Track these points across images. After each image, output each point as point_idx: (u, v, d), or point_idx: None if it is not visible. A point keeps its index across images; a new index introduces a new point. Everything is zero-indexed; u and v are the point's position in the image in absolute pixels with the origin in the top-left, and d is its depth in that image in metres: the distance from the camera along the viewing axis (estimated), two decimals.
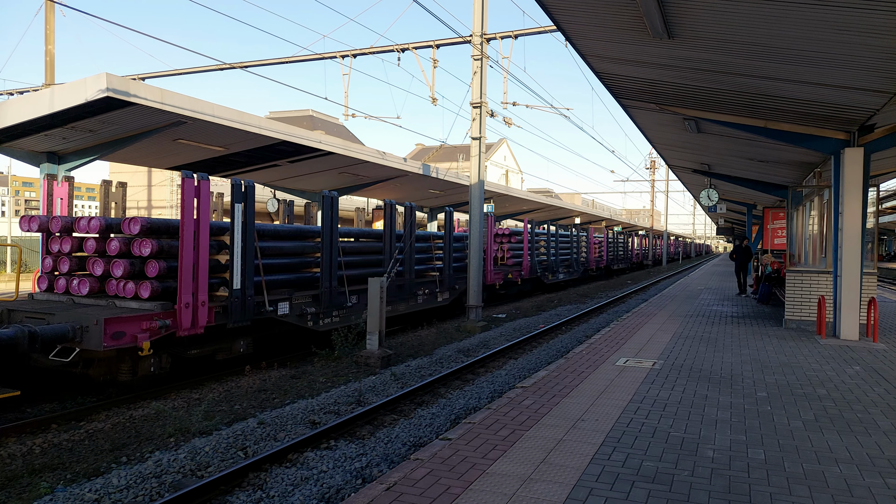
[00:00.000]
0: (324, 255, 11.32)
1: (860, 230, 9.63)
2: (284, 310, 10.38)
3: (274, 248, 10.76)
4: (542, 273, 24.28)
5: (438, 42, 16.43)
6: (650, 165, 57.56)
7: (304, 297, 10.89)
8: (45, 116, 10.14)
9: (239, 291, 9.41)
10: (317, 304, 11.12)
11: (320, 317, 11.24)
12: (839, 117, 9.23)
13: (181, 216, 8.58)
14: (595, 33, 7.31)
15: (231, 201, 9.45)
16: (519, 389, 6.65)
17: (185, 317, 8.54)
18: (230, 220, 9.47)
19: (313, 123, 45.11)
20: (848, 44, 6.24)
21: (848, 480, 4.24)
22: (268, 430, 6.91)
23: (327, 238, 11.39)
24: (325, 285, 11.27)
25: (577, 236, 30.14)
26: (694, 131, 11.77)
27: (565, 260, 27.92)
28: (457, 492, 4.01)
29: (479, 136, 16.13)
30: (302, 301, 10.79)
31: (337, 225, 11.58)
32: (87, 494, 5.19)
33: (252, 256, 9.67)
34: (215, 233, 9.56)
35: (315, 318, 11.10)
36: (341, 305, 11.74)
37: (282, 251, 10.98)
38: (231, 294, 9.34)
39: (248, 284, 9.55)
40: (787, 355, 8.71)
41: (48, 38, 18.68)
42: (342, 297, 11.82)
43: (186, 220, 8.58)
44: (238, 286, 9.41)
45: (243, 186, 9.55)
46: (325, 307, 11.24)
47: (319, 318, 11.22)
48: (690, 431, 5.25)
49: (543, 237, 25.28)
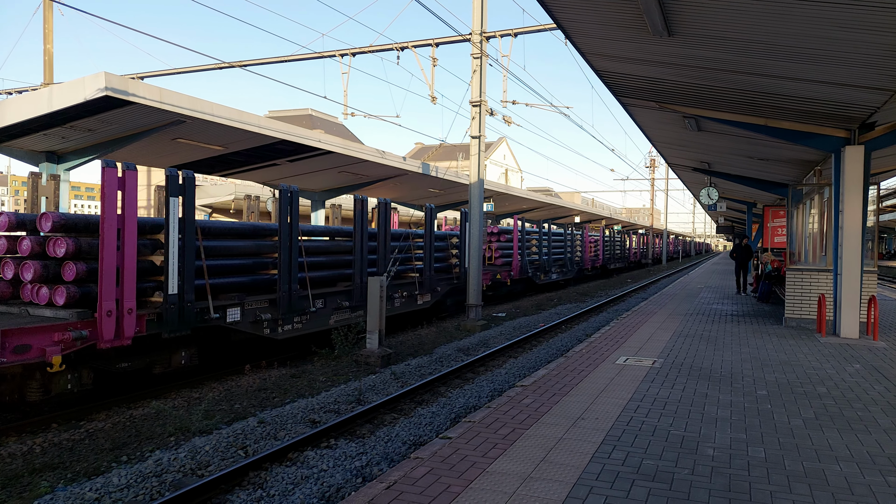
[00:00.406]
0: (282, 256, 10.30)
1: (860, 228, 9.63)
2: (235, 316, 9.39)
3: (222, 247, 9.76)
4: (533, 273, 23.30)
5: (438, 40, 16.41)
6: (650, 164, 57.57)
7: (260, 301, 9.93)
8: (44, 116, 10.12)
9: (176, 297, 8.34)
10: (274, 309, 10.15)
11: (279, 323, 10.28)
12: (840, 115, 9.22)
13: (101, 211, 7.59)
14: (595, 31, 7.30)
15: (165, 195, 8.39)
16: (519, 388, 6.65)
17: (107, 326, 7.46)
18: (165, 216, 8.37)
19: (312, 122, 45.08)
20: (848, 41, 6.23)
21: (848, 478, 4.24)
22: (268, 428, 6.91)
23: (286, 236, 10.39)
24: (283, 288, 10.27)
25: (572, 235, 29.17)
26: (694, 129, 11.76)
27: (559, 259, 26.98)
28: (457, 490, 4.01)
29: (479, 135, 16.12)
30: (257, 306, 9.84)
31: (297, 222, 10.60)
32: (88, 493, 5.19)
33: (193, 257, 8.66)
34: (148, 230, 8.57)
35: (273, 325, 10.16)
36: (304, 310, 10.71)
37: (232, 251, 9.98)
38: (166, 300, 8.25)
39: (188, 288, 8.52)
40: (787, 353, 8.71)
41: (46, 37, 18.66)
42: (304, 302, 10.77)
43: (108, 216, 7.53)
44: (174, 290, 8.33)
45: (180, 178, 8.50)
46: (283, 313, 10.26)
47: (278, 325, 10.26)
48: (690, 430, 5.25)
49: (535, 236, 24.29)
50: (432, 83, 16.85)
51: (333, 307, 11.57)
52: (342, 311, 11.86)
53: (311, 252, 11.52)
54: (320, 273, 11.68)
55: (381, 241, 13.10)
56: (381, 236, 13.13)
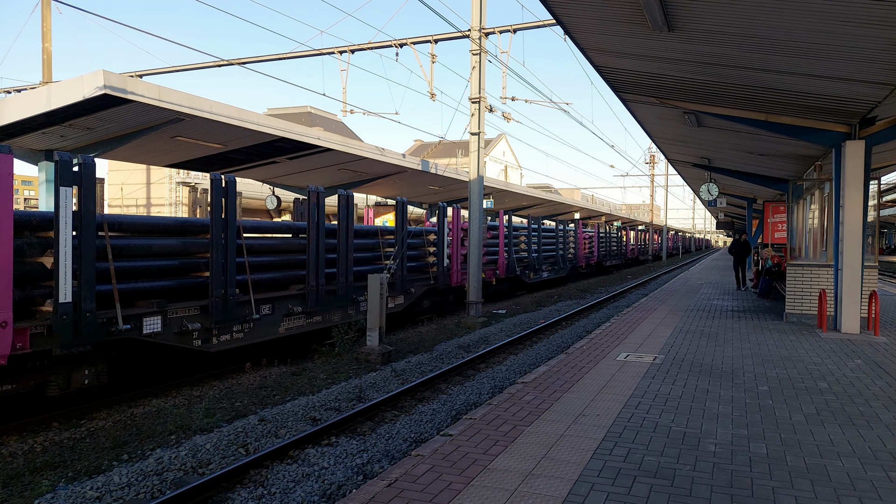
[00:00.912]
0: (214, 255, 8.99)
1: (861, 223, 9.61)
2: (154, 327, 8.12)
3: (139, 246, 8.53)
4: (521, 272, 22.08)
5: (437, 37, 16.37)
6: (650, 160, 57.54)
7: (189, 309, 8.69)
8: (43, 114, 10.10)
9: (69, 305, 7.05)
10: (206, 317, 8.93)
11: (213, 333, 9.04)
12: (840, 110, 9.20)
13: None
14: (594, 26, 7.28)
15: (55, 185, 7.10)
16: (519, 385, 6.64)
17: None
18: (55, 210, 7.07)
19: (312, 120, 45.02)
20: (849, 35, 6.21)
21: (850, 474, 4.23)
22: (269, 426, 6.91)
23: (219, 233, 9.07)
24: (216, 293, 8.97)
25: (564, 231, 27.81)
26: (694, 125, 11.74)
27: (550, 257, 25.74)
28: (458, 487, 4.00)
29: (478, 132, 16.10)
30: (183, 314, 8.60)
31: (235, 217, 9.34)
32: (89, 492, 5.19)
33: (93, 257, 7.40)
34: (35, 226, 7.27)
35: (205, 336, 8.94)
36: (245, 318, 9.52)
37: (153, 251, 8.70)
38: (56, 309, 6.95)
39: (88, 296, 7.23)
40: (787, 349, 8.70)
41: (45, 35, 18.62)
42: (245, 308, 9.58)
43: None
44: (67, 298, 7.01)
45: (76, 164, 7.31)
46: (218, 321, 9.02)
47: (212, 336, 9.03)
48: (692, 426, 5.24)
49: (524, 232, 22.97)
50: (431, 80, 16.82)
51: (284, 313, 10.34)
52: (295, 317, 10.63)
53: (255, 251, 10.32)
54: (267, 275, 10.47)
55: (341, 238, 11.72)
56: (341, 234, 11.73)
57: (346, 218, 11.83)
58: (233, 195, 9.37)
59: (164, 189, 30.36)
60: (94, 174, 7.56)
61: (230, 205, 9.33)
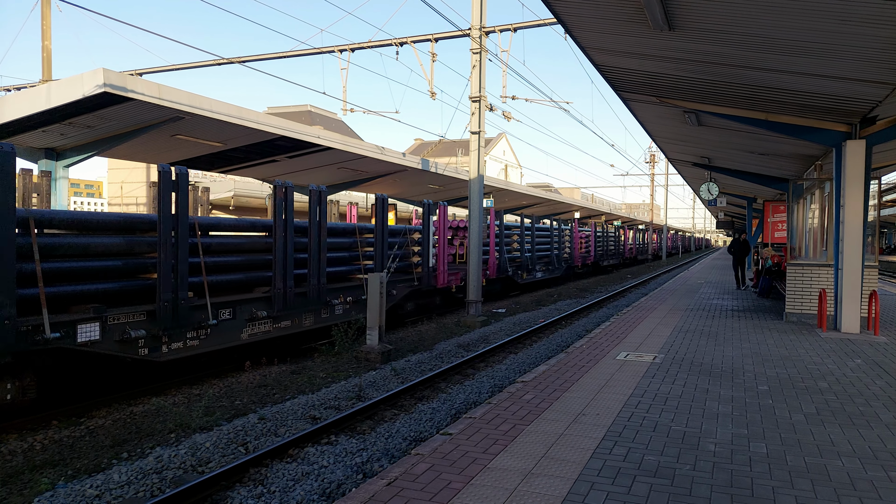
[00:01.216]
0: (163, 255, 8.12)
1: (861, 223, 9.61)
2: (91, 334, 7.30)
3: (72, 245, 7.59)
4: (514, 272, 21.38)
5: (437, 36, 16.36)
6: (650, 159, 57.54)
7: (133, 314, 7.84)
8: (43, 112, 10.09)
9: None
10: (154, 323, 8.06)
11: (163, 341, 8.18)
12: (840, 109, 9.19)
13: None
14: (595, 25, 7.27)
15: None
16: (519, 384, 6.64)
17: None
18: None
19: (312, 119, 45.03)
20: (850, 34, 6.20)
21: (851, 474, 4.23)
22: (268, 425, 6.91)
23: (168, 231, 8.20)
24: (164, 297, 8.12)
25: (560, 230, 27.03)
26: (694, 124, 11.73)
27: (544, 256, 25.06)
28: (458, 486, 4.00)
29: (478, 131, 16.09)
30: (126, 321, 7.74)
31: (186, 212, 8.46)
32: (88, 490, 5.18)
33: (13, 258, 6.55)
34: None
35: (154, 344, 8.08)
36: (201, 324, 8.65)
37: (90, 250, 7.77)
38: None
39: (7, 301, 6.45)
40: (787, 349, 8.70)
41: (45, 33, 18.61)
42: (201, 313, 8.72)
43: None
44: None
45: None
46: (168, 328, 8.18)
47: (162, 344, 8.18)
48: (692, 425, 5.24)
49: (516, 230, 22.29)
50: (431, 79, 16.81)
51: (247, 318, 9.52)
52: (260, 322, 9.83)
53: (213, 251, 9.44)
54: (227, 277, 9.54)
55: (313, 237, 10.89)
56: (313, 232, 10.90)
57: (317, 215, 11.02)
58: (184, 189, 8.44)
59: None
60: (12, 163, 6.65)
61: (182, 199, 8.39)
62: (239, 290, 9.85)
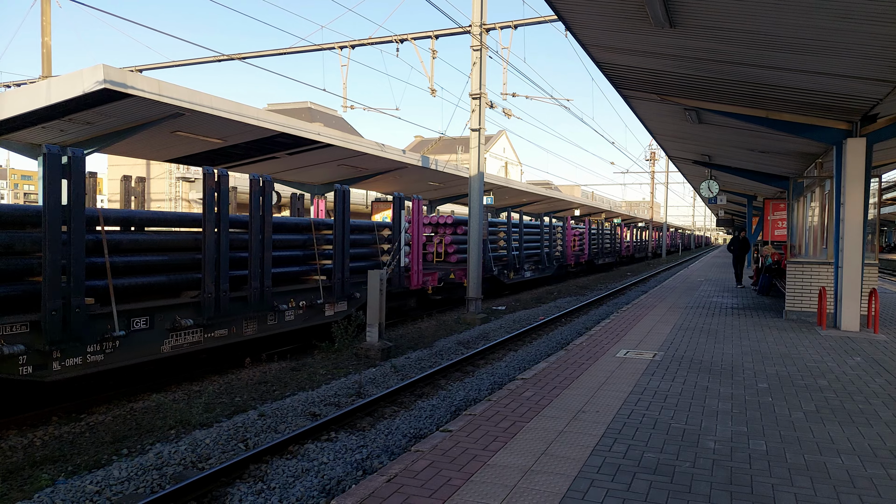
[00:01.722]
0: (49, 254, 6.73)
1: (861, 221, 9.60)
2: None
3: None
4: (499, 271, 20.34)
5: (437, 32, 16.34)
6: (650, 157, 57.52)
7: (10, 325, 6.57)
8: (43, 108, 10.07)
9: None
10: (38, 336, 6.77)
11: (53, 357, 6.88)
12: (841, 107, 9.18)
13: None
14: (596, 22, 7.26)
15: None
16: (519, 381, 6.65)
17: None
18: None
19: (312, 115, 44.96)
20: (850, 32, 6.19)
21: (850, 471, 4.24)
22: (268, 421, 6.92)
23: (55, 226, 6.80)
24: (53, 304, 6.77)
25: (550, 227, 25.68)
26: (695, 122, 11.72)
27: (533, 255, 24.03)
28: (458, 483, 4.00)
29: (479, 128, 16.08)
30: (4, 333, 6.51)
31: (82, 204, 7.09)
32: (89, 486, 5.19)
33: None
34: None
35: (40, 361, 6.79)
36: (104, 335, 7.37)
37: None
38: None
39: None
40: (787, 346, 8.70)
41: (44, 29, 18.59)
42: (103, 322, 7.40)
43: None
44: None
45: None
46: (57, 341, 6.85)
47: (51, 360, 6.88)
48: (691, 423, 5.24)
49: (503, 227, 21.23)
50: (432, 75, 16.79)
51: (168, 327, 8.22)
52: (186, 332, 8.52)
53: (123, 250, 8.11)
54: (141, 279, 8.21)
55: (254, 233, 9.57)
56: (254, 227, 9.58)
57: (259, 209, 9.68)
58: (80, 176, 7.01)
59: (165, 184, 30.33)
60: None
61: (76, 188, 7.00)
62: (161, 295, 8.56)
